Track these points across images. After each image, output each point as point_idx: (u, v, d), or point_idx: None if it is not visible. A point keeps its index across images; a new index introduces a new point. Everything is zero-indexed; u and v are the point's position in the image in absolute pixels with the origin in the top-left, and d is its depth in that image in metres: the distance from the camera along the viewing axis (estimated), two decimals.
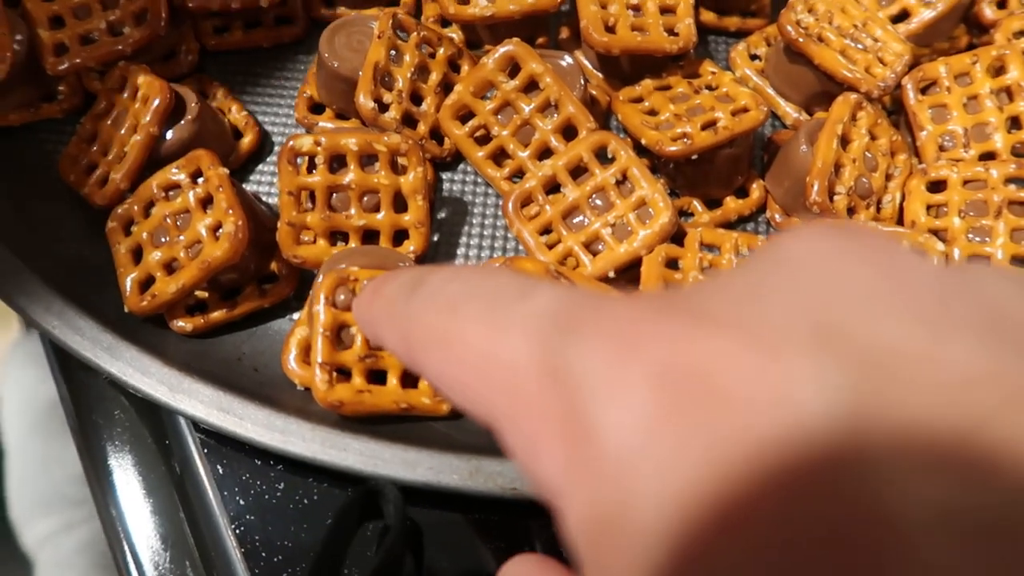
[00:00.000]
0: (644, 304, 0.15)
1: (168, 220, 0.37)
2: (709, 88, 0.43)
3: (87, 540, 0.69)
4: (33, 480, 0.72)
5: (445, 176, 0.43)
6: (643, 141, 0.40)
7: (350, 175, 0.38)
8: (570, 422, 0.15)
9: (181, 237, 0.36)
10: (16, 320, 0.87)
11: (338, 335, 0.34)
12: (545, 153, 0.41)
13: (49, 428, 0.73)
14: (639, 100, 0.43)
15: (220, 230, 0.36)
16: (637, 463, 0.14)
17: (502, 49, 0.40)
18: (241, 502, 0.36)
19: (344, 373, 0.35)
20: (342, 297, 0.34)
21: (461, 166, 0.44)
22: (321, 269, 0.35)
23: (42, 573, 0.70)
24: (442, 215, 0.42)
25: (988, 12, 0.47)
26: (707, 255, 0.36)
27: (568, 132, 0.41)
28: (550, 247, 0.38)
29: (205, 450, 0.37)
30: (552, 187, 0.39)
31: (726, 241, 0.37)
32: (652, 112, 0.42)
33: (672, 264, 0.37)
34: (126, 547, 0.35)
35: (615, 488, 0.14)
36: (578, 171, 0.39)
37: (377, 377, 0.35)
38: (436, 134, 0.43)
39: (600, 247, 0.38)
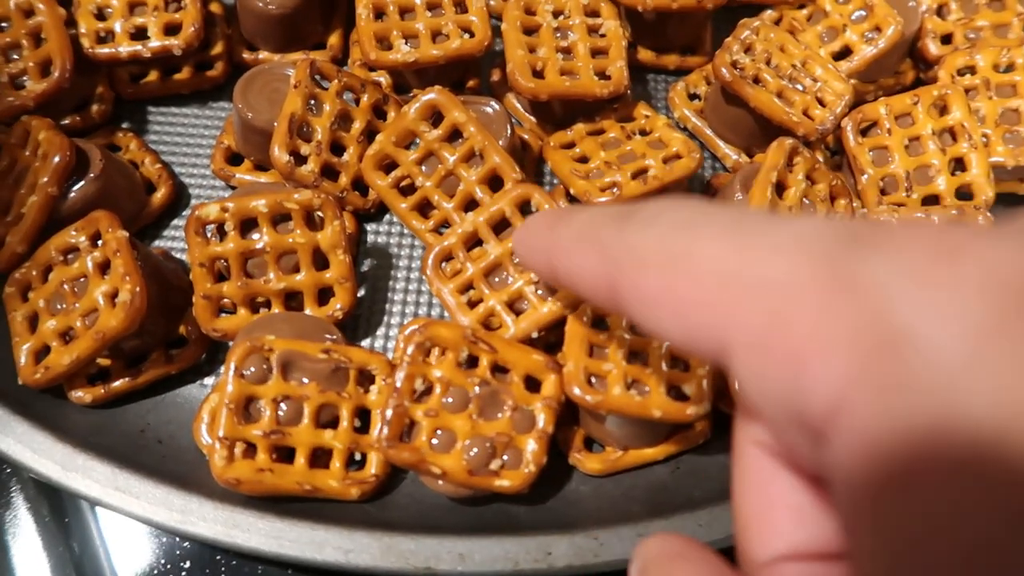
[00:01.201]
0: (945, 226, 0.15)
1: (66, 286, 0.35)
2: (642, 132, 0.42)
3: None
4: None
5: (370, 228, 0.42)
6: (572, 191, 0.39)
7: (264, 238, 0.36)
8: (866, 331, 0.14)
9: (77, 304, 0.34)
10: None
11: (246, 408, 0.33)
12: (471, 204, 0.39)
13: None
14: (571, 145, 0.42)
15: (117, 298, 0.34)
16: (966, 374, 0.13)
17: (424, 97, 0.38)
18: None
19: (252, 447, 0.33)
20: (252, 369, 0.32)
21: (386, 217, 0.42)
22: (236, 337, 0.34)
23: None
24: (366, 268, 0.40)
25: (932, 48, 0.46)
26: None
27: (494, 182, 0.39)
28: (472, 305, 0.36)
29: (107, 529, 0.34)
30: (474, 243, 0.38)
31: None
32: (583, 159, 0.41)
33: (598, 324, 0.35)
34: None
35: (935, 400, 0.13)
36: (501, 225, 0.37)
37: (288, 456, 0.33)
38: (360, 184, 0.41)
39: (524, 306, 0.36)
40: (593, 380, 0.33)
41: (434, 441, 0.32)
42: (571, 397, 0.33)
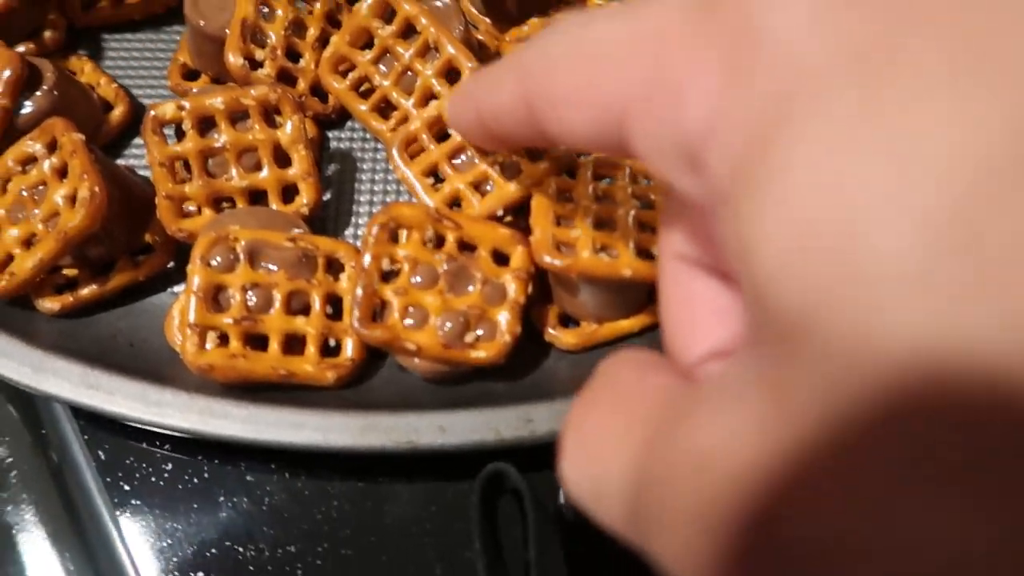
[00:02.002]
0: None
1: (25, 194, 0.34)
2: None
3: None
4: None
5: (332, 135, 0.41)
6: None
7: (223, 136, 0.35)
8: (731, 43, 0.14)
9: (37, 211, 0.34)
10: None
11: (215, 298, 0.32)
12: (431, 99, 0.39)
13: None
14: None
15: (76, 198, 0.33)
16: (801, 45, 0.13)
17: None
18: (126, 488, 0.33)
19: (225, 340, 0.32)
20: (219, 259, 0.32)
21: (348, 123, 0.42)
22: (201, 231, 0.33)
23: None
24: (330, 172, 0.40)
25: None
26: (601, 185, 0.34)
27: (451, 75, 0.39)
28: (437, 191, 0.36)
29: (85, 437, 0.34)
30: (439, 133, 0.37)
31: (619, 169, 0.35)
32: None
33: (564, 197, 0.35)
34: (2, 545, 0.33)
35: (777, 79, 0.13)
36: None
37: (261, 345, 0.33)
38: (318, 91, 0.40)
39: (489, 187, 0.36)
40: (562, 248, 0.33)
41: (407, 320, 0.32)
42: (541, 264, 0.33)
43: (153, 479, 0.33)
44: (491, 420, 0.31)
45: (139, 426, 0.32)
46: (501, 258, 0.34)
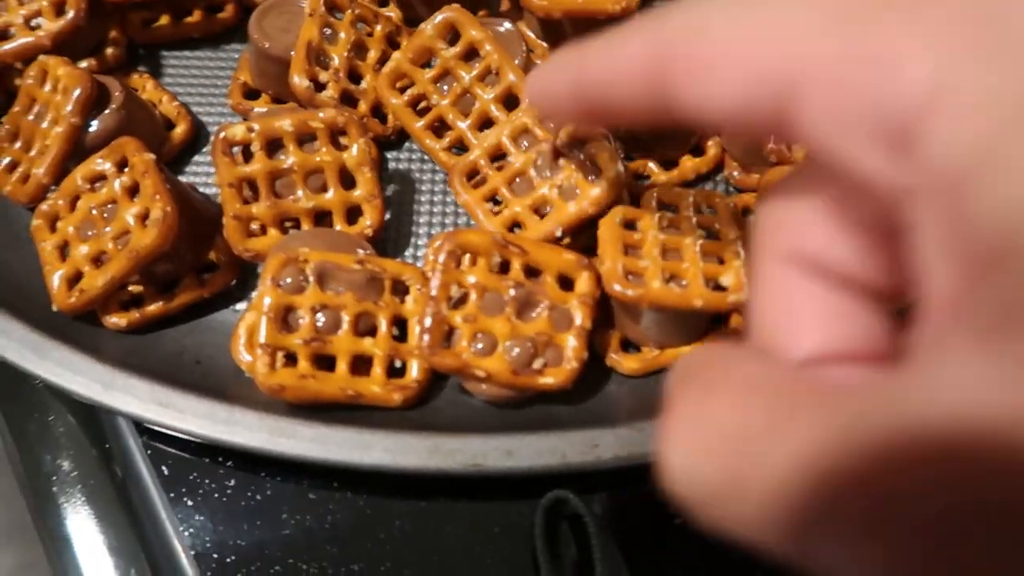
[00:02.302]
0: None
1: (95, 212, 0.35)
2: None
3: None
4: None
5: (390, 155, 0.42)
6: None
7: (291, 157, 0.36)
8: (962, 18, 0.13)
9: (108, 229, 0.34)
10: None
11: (284, 319, 0.33)
12: (486, 123, 0.40)
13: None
14: None
15: (148, 218, 0.34)
16: None
17: (441, 15, 0.39)
18: (189, 503, 0.34)
19: (294, 361, 0.33)
20: (288, 280, 0.33)
21: (406, 144, 0.42)
22: (270, 252, 0.34)
23: None
24: (389, 193, 0.41)
25: None
26: (666, 214, 0.35)
27: (509, 101, 0.39)
28: (497, 215, 0.37)
29: (149, 452, 0.34)
30: (497, 157, 0.38)
31: (683, 199, 0.35)
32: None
33: (630, 226, 0.35)
34: (66, 557, 0.33)
35: None
36: (523, 142, 0.37)
37: (328, 365, 0.33)
38: (379, 113, 0.41)
39: (547, 210, 0.36)
40: (630, 278, 0.33)
41: (476, 346, 0.33)
42: (611, 294, 0.33)
43: (216, 495, 0.34)
44: (557, 445, 0.32)
45: (205, 443, 0.32)
46: (566, 283, 0.34)
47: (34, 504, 0.34)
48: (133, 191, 0.34)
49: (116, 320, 0.35)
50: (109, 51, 0.43)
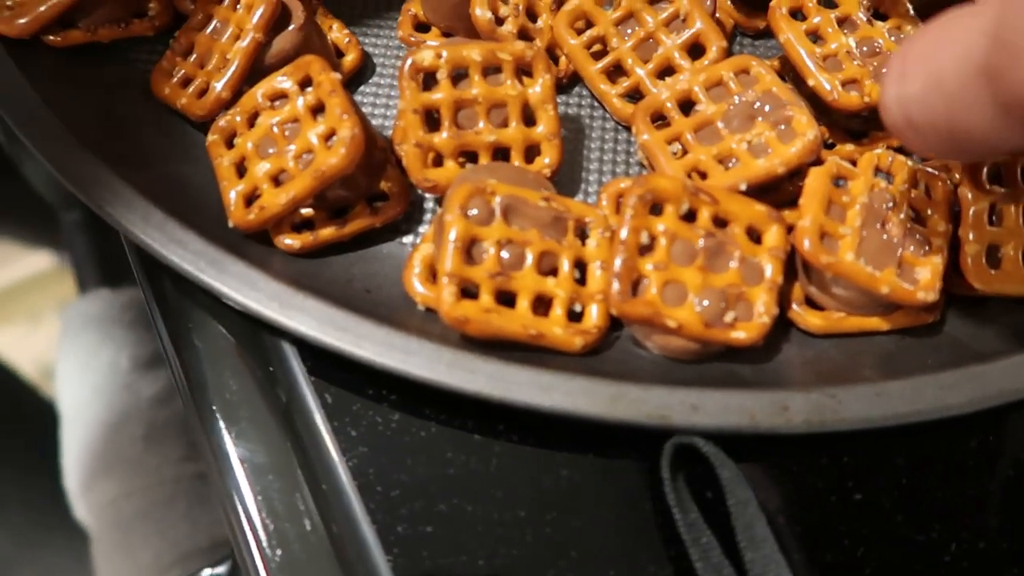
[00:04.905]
0: None
1: (275, 130, 0.34)
2: (878, 16, 0.38)
3: (147, 506, 0.66)
4: (92, 445, 0.69)
5: (560, 99, 0.40)
6: (809, 83, 0.36)
7: (476, 88, 0.35)
8: None
9: (290, 147, 0.33)
10: (71, 283, 0.85)
11: (469, 251, 0.32)
12: (667, 71, 0.38)
13: (108, 392, 0.71)
14: (799, 14, 0.38)
15: (333, 138, 0.33)
16: None
17: None
18: (353, 433, 0.33)
19: (470, 295, 0.32)
20: (475, 211, 0.31)
21: (576, 88, 0.41)
22: (453, 184, 0.33)
23: (100, 539, 0.68)
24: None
25: None
26: (880, 182, 0.33)
27: (694, 50, 0.38)
28: (679, 159, 0.35)
29: (312, 378, 0.34)
30: (684, 104, 0.36)
31: (902, 171, 0.34)
32: (816, 36, 0.37)
33: (840, 184, 0.34)
34: (230, 477, 0.32)
35: None
36: (715, 94, 0.36)
37: (506, 302, 0.32)
38: (551, 55, 0.40)
39: (733, 162, 0.35)
40: (825, 240, 0.32)
41: (665, 295, 0.31)
42: (800, 251, 0.32)
43: (380, 428, 0.33)
44: (746, 404, 0.30)
45: (372, 372, 0.32)
46: (753, 235, 0.33)
47: (199, 422, 0.33)
48: (317, 110, 0.34)
49: (290, 241, 0.34)
50: None
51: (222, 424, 0.33)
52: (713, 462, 0.30)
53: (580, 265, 0.33)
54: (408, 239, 0.37)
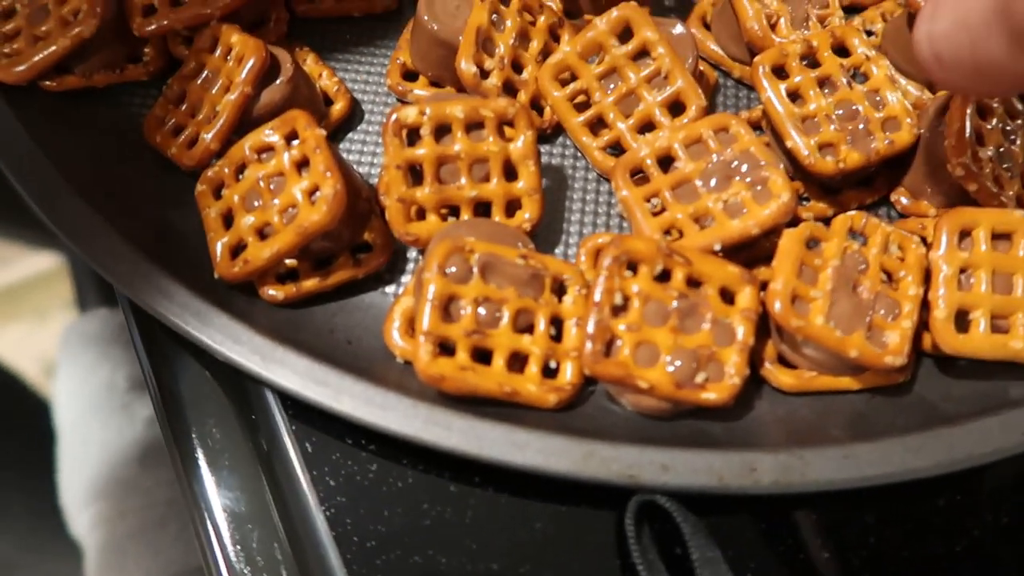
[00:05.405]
0: None
1: (261, 183, 0.35)
2: (858, 76, 0.39)
3: (140, 527, 0.67)
4: (86, 465, 0.70)
5: (543, 149, 0.41)
6: (787, 144, 0.37)
7: (458, 144, 0.35)
8: None
9: (275, 201, 0.34)
10: (72, 301, 0.86)
11: (446, 308, 0.32)
12: (647, 127, 0.39)
13: (104, 412, 0.72)
14: (782, 73, 0.38)
15: (317, 194, 0.34)
16: None
17: (616, 12, 0.38)
18: (331, 483, 0.34)
19: (448, 351, 0.32)
20: (454, 269, 0.32)
21: (560, 139, 0.41)
22: (433, 240, 0.33)
23: (93, 559, 0.68)
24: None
25: None
26: (853, 244, 0.34)
27: (675, 108, 0.38)
28: (656, 216, 0.36)
29: (293, 427, 0.34)
30: (663, 160, 0.37)
31: (876, 232, 0.34)
32: (797, 95, 0.38)
33: (812, 246, 0.34)
34: (208, 524, 0.33)
35: None
36: (694, 151, 0.36)
37: (482, 359, 0.33)
38: (535, 105, 0.40)
39: (709, 221, 0.35)
40: (796, 303, 0.32)
41: (637, 355, 0.32)
42: (772, 314, 0.32)
43: (358, 478, 0.34)
44: (714, 464, 0.31)
45: (352, 424, 0.32)
46: (726, 296, 0.33)
47: (181, 467, 0.34)
48: (302, 165, 0.34)
49: (274, 292, 0.35)
50: (272, 25, 0.43)
51: (206, 473, 0.34)
52: (676, 517, 0.31)
53: (556, 321, 0.34)
54: (390, 289, 0.37)
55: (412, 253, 0.38)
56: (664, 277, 0.33)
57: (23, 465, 0.75)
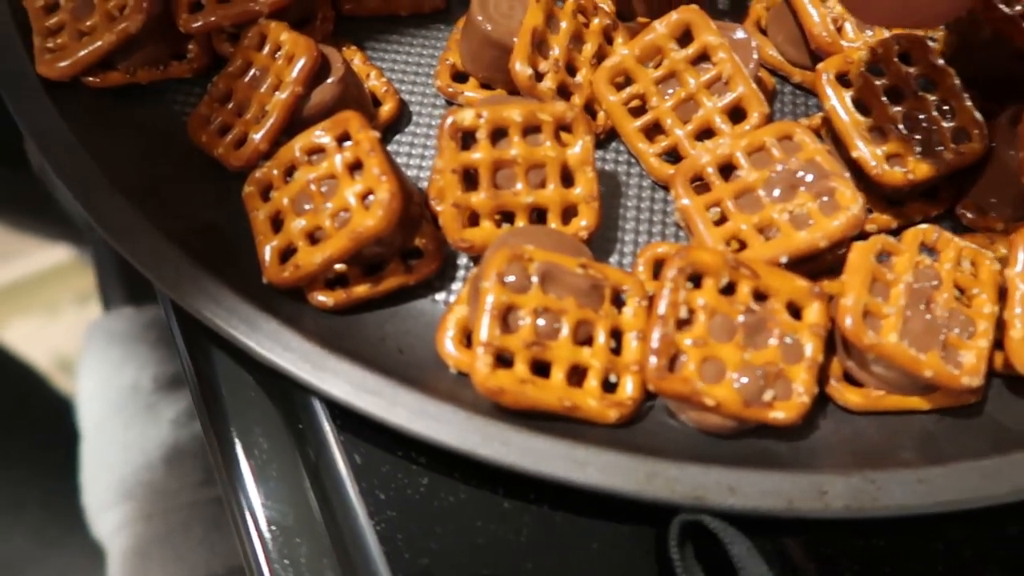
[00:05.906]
0: None
1: (312, 186, 0.34)
2: (927, 88, 0.37)
3: (166, 530, 0.66)
4: (111, 466, 0.69)
5: (596, 155, 0.40)
6: (853, 154, 0.36)
7: (515, 149, 0.34)
8: None
9: (327, 204, 0.33)
10: (84, 296, 0.85)
11: (504, 319, 0.31)
12: (706, 133, 0.38)
13: (129, 412, 0.71)
14: (844, 80, 0.37)
15: (370, 198, 0.33)
16: None
17: (676, 15, 0.37)
18: (381, 496, 0.32)
19: (505, 363, 0.31)
20: (513, 278, 0.31)
21: (613, 144, 0.40)
22: (490, 248, 0.32)
23: (115, 562, 0.67)
24: None
25: None
26: (925, 259, 0.32)
27: (735, 114, 0.37)
28: (718, 226, 0.34)
29: (342, 438, 0.33)
30: (725, 168, 0.36)
31: (949, 247, 0.33)
32: (859, 104, 0.36)
33: (884, 259, 0.33)
34: (256, 537, 0.32)
35: None
36: (757, 159, 0.35)
37: (539, 371, 0.32)
38: (588, 110, 0.39)
39: (774, 232, 0.34)
40: (867, 319, 0.31)
41: (703, 371, 0.31)
42: (842, 330, 0.31)
43: (409, 491, 0.32)
44: (783, 487, 0.30)
45: (401, 435, 0.31)
46: (793, 310, 0.32)
47: (227, 478, 0.33)
48: (354, 168, 0.33)
49: (323, 299, 0.34)
50: (318, 23, 0.42)
51: (251, 484, 0.33)
52: (723, 539, 0.29)
53: (615, 333, 0.33)
54: (441, 296, 0.36)
55: (463, 260, 0.37)
56: (729, 290, 0.32)
57: (37, 459, 0.75)
